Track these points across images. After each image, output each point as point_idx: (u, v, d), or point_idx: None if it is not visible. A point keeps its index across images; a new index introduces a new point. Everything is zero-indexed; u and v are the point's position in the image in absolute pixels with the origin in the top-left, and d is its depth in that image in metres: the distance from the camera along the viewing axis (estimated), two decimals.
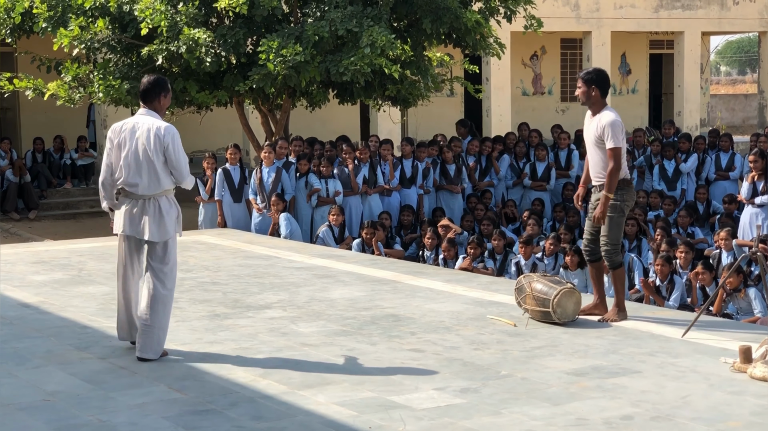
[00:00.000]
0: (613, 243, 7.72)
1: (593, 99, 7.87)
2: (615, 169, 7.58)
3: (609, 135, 7.71)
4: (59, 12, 13.57)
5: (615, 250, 7.74)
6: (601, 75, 7.90)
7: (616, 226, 7.71)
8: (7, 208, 17.71)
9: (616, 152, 7.62)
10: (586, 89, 7.83)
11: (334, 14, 13.11)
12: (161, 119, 6.87)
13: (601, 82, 7.84)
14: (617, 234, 7.74)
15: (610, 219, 7.67)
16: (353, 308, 8.27)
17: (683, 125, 24.30)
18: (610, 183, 7.59)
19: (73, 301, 8.55)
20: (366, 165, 14.13)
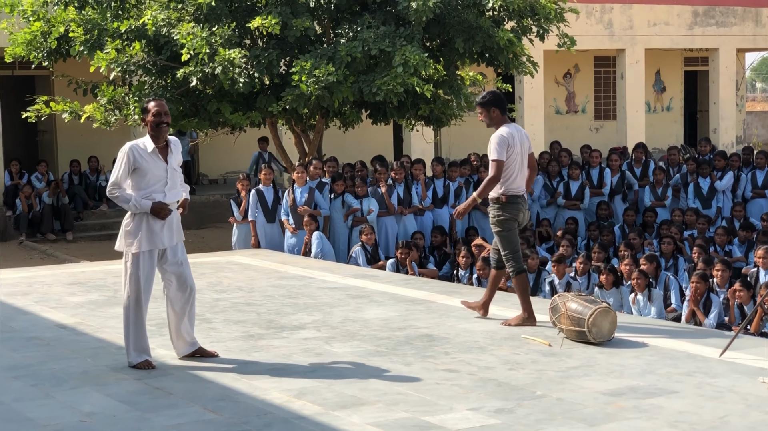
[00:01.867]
0: (511, 251, 8.21)
1: (495, 119, 8.26)
2: (493, 179, 8.10)
3: (491, 148, 8.16)
4: (95, 35, 13.71)
5: (513, 257, 8.22)
6: (497, 95, 8.35)
7: (505, 239, 8.22)
8: (43, 230, 17.87)
9: (495, 164, 8.10)
10: (487, 112, 8.25)
11: (366, 34, 13.15)
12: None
13: (498, 102, 8.26)
14: (510, 245, 8.22)
15: (497, 234, 8.24)
16: (387, 328, 8.26)
17: (719, 142, 24.13)
18: (484, 189, 8.16)
19: (109, 322, 8.60)
20: (401, 185, 14.15)
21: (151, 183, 6.98)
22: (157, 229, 7.00)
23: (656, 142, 25.47)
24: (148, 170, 6.96)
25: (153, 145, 7.00)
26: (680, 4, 24.43)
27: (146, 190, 6.97)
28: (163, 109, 7.04)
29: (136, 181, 6.98)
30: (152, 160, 6.99)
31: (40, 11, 14.38)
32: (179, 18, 13.49)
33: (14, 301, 9.62)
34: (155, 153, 7.01)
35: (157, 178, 7.01)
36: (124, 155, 6.95)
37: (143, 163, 6.96)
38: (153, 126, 7.01)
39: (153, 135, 7.01)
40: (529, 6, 14.20)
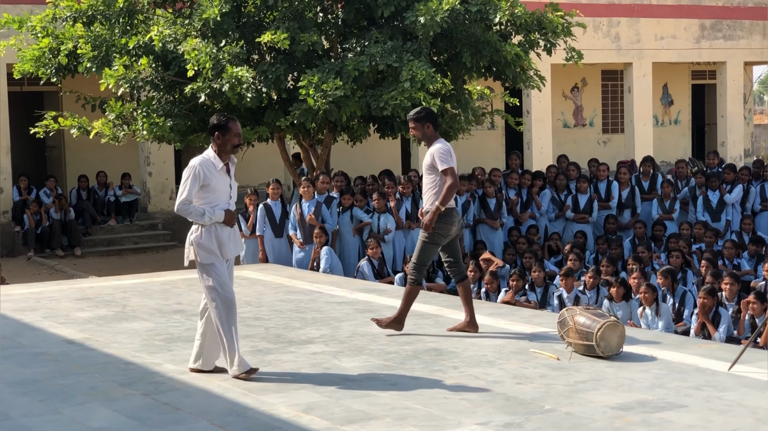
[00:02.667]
0: (418, 263, 8.43)
1: (429, 134, 8.42)
2: (452, 185, 8.22)
3: (438, 159, 8.27)
4: (103, 52, 13.76)
5: (418, 270, 8.44)
6: (429, 111, 8.53)
7: (423, 251, 8.40)
8: (52, 245, 17.90)
9: (448, 171, 8.23)
10: (421, 127, 8.40)
11: (374, 49, 13.18)
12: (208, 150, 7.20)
13: (431, 118, 8.45)
14: (423, 256, 8.42)
15: (421, 242, 8.38)
16: (395, 342, 8.25)
17: (727, 156, 24.11)
18: (445, 196, 8.24)
19: (117, 338, 8.60)
20: (408, 199, 14.15)
21: (217, 198, 7.06)
22: (225, 239, 7.10)
23: (664, 155, 25.45)
24: (216, 186, 7.04)
25: (222, 162, 7.07)
26: (687, 17, 24.45)
27: (212, 206, 7.06)
28: (240, 131, 7.17)
29: (202, 196, 7.03)
30: (220, 176, 7.07)
31: (48, 27, 14.45)
32: (186, 34, 13.54)
33: (22, 317, 9.63)
34: (222, 169, 7.09)
35: (223, 193, 7.10)
36: (194, 171, 7.00)
37: (212, 178, 7.02)
38: (232, 146, 7.08)
39: (224, 152, 7.07)
40: (537, 20, 14.23)
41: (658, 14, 24.06)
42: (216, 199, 7.06)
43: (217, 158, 7.08)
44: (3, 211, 18.34)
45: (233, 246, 7.18)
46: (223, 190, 7.11)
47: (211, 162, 7.07)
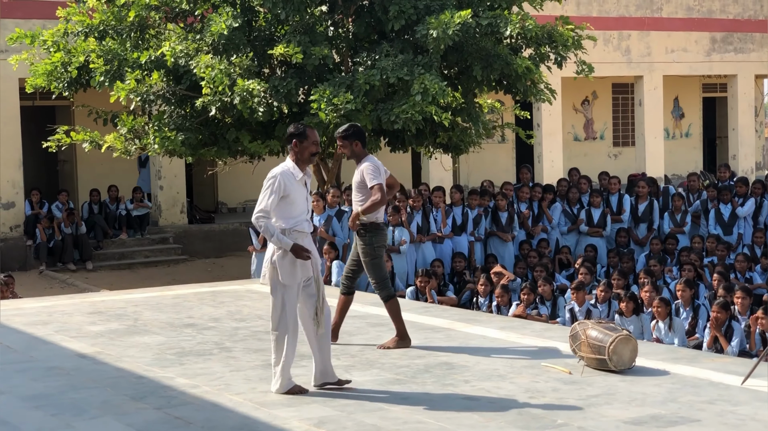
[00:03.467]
0: (378, 280, 8.50)
1: (357, 152, 8.50)
2: (379, 200, 8.33)
3: (368, 176, 8.38)
4: (115, 66, 13.82)
5: (382, 286, 8.51)
6: (358, 128, 8.58)
7: (372, 267, 8.50)
8: (64, 259, 17.94)
9: (376, 187, 8.34)
10: (349, 144, 8.46)
11: (385, 62, 13.20)
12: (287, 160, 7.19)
13: (360, 135, 8.50)
14: (378, 272, 8.51)
15: (365, 263, 8.51)
16: (407, 356, 8.24)
17: (738, 169, 24.06)
18: (369, 207, 8.34)
19: (129, 351, 8.61)
20: (419, 212, 14.14)
21: (297, 210, 6.99)
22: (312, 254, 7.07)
23: (675, 168, 25.41)
24: (295, 198, 6.95)
25: (301, 172, 7.01)
26: (698, 30, 24.44)
27: (293, 219, 6.98)
28: (318, 140, 7.09)
29: (283, 208, 6.95)
30: (299, 188, 7.00)
31: (60, 42, 14.52)
32: (197, 49, 13.58)
33: (35, 331, 9.65)
34: (301, 180, 7.03)
35: (301, 206, 7.02)
36: (275, 181, 6.92)
37: (292, 190, 6.94)
38: (309, 155, 7.02)
39: (301, 160, 7.02)
40: (547, 33, 14.23)
41: (669, 27, 24.06)
42: (294, 211, 6.97)
43: (296, 168, 7.00)
44: (15, 225, 18.40)
45: (314, 263, 7.09)
46: (301, 203, 7.01)
47: (291, 172, 6.97)
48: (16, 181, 18.41)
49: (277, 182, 6.91)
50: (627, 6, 23.58)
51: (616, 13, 23.40)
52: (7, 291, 12.52)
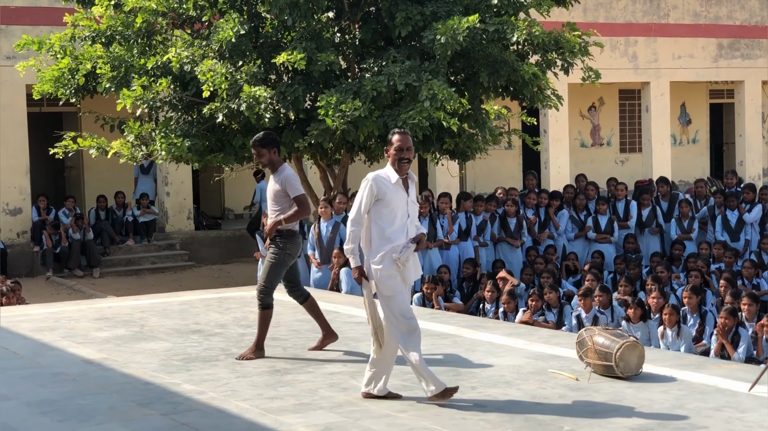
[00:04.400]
0: (267, 286, 8.43)
1: (275, 160, 8.50)
2: (303, 211, 8.40)
3: (291, 187, 8.39)
4: (122, 72, 13.83)
5: (267, 292, 8.44)
6: (275, 137, 8.61)
7: (273, 272, 8.44)
8: (70, 265, 17.96)
9: (301, 198, 8.40)
10: (268, 152, 8.45)
11: (392, 69, 13.20)
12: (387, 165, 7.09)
13: (277, 143, 8.57)
14: (272, 278, 8.45)
15: (270, 263, 8.43)
16: None
17: (745, 175, 24.02)
18: (293, 216, 8.36)
19: (136, 358, 8.61)
20: (425, 219, 14.13)
21: (393, 215, 6.86)
22: (410, 265, 6.91)
23: (682, 174, 25.38)
24: (392, 200, 6.84)
25: (396, 176, 6.90)
26: (705, 36, 24.42)
27: (389, 226, 6.85)
28: (406, 145, 6.94)
29: (378, 213, 6.87)
30: (395, 191, 6.87)
31: (67, 48, 14.54)
32: (203, 55, 13.60)
33: (41, 337, 9.65)
34: (398, 184, 6.90)
35: (400, 209, 6.88)
36: (367, 185, 6.84)
37: (387, 193, 6.84)
38: (394, 161, 6.91)
39: (392, 164, 6.93)
40: (554, 40, 14.22)
41: (676, 33, 24.03)
42: (391, 214, 6.84)
43: (392, 172, 6.90)
44: (22, 231, 18.43)
45: (413, 272, 6.96)
46: (399, 206, 6.87)
47: (385, 175, 6.89)
48: (23, 188, 18.44)
49: (369, 186, 6.83)
50: (634, 12, 23.57)
51: (623, 19, 23.39)
52: (13, 297, 12.54)
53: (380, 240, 6.89)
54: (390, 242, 6.86)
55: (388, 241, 6.86)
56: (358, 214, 6.89)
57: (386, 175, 6.91)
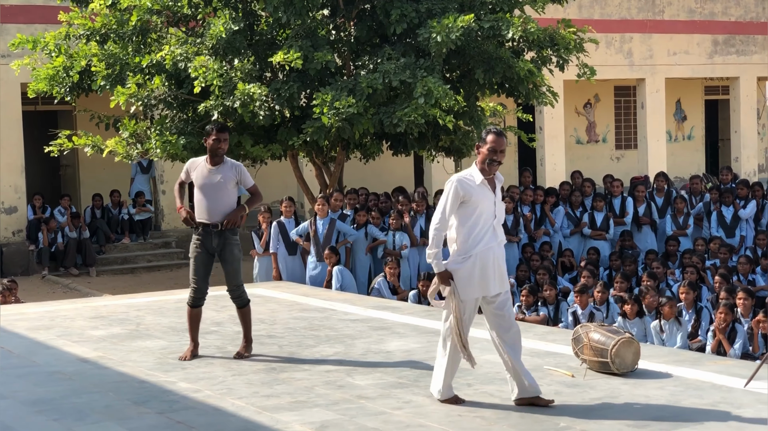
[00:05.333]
0: (241, 282, 8.50)
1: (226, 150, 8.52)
2: (259, 199, 8.60)
3: (248, 176, 8.49)
4: (117, 70, 13.82)
5: (242, 290, 8.49)
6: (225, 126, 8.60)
7: (240, 266, 8.47)
8: (66, 264, 17.94)
9: (257, 187, 8.56)
10: (228, 140, 8.48)
11: (387, 66, 13.20)
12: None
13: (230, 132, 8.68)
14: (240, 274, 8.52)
15: (238, 259, 8.44)
16: (409, 359, 8.23)
17: (741, 171, 24.04)
18: (254, 204, 8.57)
19: (131, 356, 8.61)
20: (422, 216, 14.14)
21: (479, 216, 6.61)
22: (491, 274, 6.65)
23: (678, 171, 25.40)
24: (477, 202, 6.59)
25: (481, 176, 6.65)
26: (700, 33, 24.43)
27: (474, 228, 6.61)
28: (500, 147, 6.63)
29: (464, 215, 6.62)
30: (481, 192, 6.61)
31: (62, 46, 14.51)
32: (197, 52, 13.59)
33: (37, 335, 9.65)
34: (483, 184, 6.65)
35: (486, 210, 6.63)
36: (452, 187, 6.60)
37: (473, 194, 6.59)
38: (483, 160, 6.65)
39: (482, 168, 6.65)
40: (549, 36, 14.22)
41: (671, 30, 24.05)
42: (477, 216, 6.59)
43: (477, 173, 6.65)
44: (18, 230, 18.40)
45: (497, 283, 6.67)
46: (486, 208, 6.61)
47: (470, 176, 6.64)
48: (19, 186, 18.41)
49: (453, 188, 6.60)
50: (629, 9, 23.58)
51: (618, 16, 23.40)
52: (9, 296, 12.52)
53: (465, 243, 6.64)
54: (476, 244, 6.62)
55: (474, 244, 6.62)
56: (442, 218, 6.63)
57: (471, 176, 6.66)
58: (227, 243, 8.40)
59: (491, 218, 6.67)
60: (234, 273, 8.45)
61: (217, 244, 8.38)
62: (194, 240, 8.43)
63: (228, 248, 8.39)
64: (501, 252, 6.76)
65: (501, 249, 6.77)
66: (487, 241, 6.66)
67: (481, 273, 6.62)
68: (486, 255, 6.64)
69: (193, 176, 8.45)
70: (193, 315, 8.51)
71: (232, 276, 8.46)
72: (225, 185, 8.35)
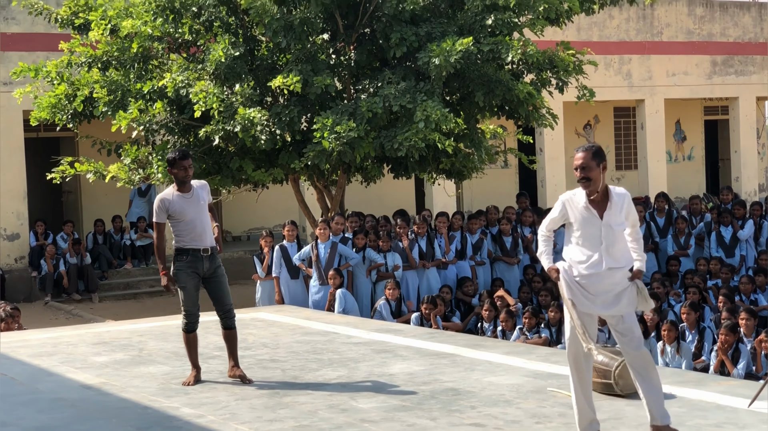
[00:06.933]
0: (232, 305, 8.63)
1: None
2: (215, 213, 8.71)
3: (209, 192, 8.66)
4: (119, 96, 13.88)
5: (233, 313, 8.59)
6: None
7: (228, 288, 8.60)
8: (68, 290, 17.95)
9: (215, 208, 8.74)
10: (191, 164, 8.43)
11: (387, 90, 13.24)
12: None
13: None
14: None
15: (226, 284, 8.60)
16: (412, 382, 8.22)
17: (741, 191, 24.07)
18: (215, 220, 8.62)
19: (134, 382, 8.60)
20: (423, 239, 14.16)
21: (582, 239, 6.25)
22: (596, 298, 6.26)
23: (678, 191, 25.43)
24: (580, 225, 6.23)
25: (584, 197, 6.25)
26: (699, 53, 24.53)
27: (577, 254, 6.28)
28: (580, 163, 6.24)
29: (568, 235, 6.35)
30: (585, 214, 6.23)
31: (64, 74, 14.58)
32: (198, 78, 13.65)
33: (40, 362, 9.64)
34: (588, 207, 6.23)
35: (590, 235, 6.22)
36: (557, 206, 6.34)
37: (577, 216, 6.25)
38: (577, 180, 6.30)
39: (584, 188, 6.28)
40: (548, 59, 14.27)
41: (669, 51, 24.14)
42: (580, 239, 6.23)
43: (581, 192, 6.26)
44: (20, 257, 18.43)
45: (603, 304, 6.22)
46: (589, 231, 6.21)
47: (574, 195, 6.32)
48: (21, 213, 18.45)
49: (561, 205, 6.31)
50: (627, 30, 23.68)
51: (617, 38, 23.49)
52: (12, 323, 12.51)
53: (570, 267, 6.32)
54: (574, 269, 6.28)
55: (573, 268, 6.30)
56: (544, 229, 6.44)
57: (575, 196, 6.31)
58: (217, 265, 8.50)
59: (597, 244, 6.22)
60: (227, 293, 8.57)
61: (208, 268, 8.48)
62: (182, 267, 8.46)
63: (219, 270, 8.52)
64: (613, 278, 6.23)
65: (612, 275, 6.23)
66: (591, 266, 6.24)
67: (583, 292, 6.25)
68: (587, 282, 6.24)
69: (171, 212, 8.42)
70: (191, 339, 8.54)
71: (226, 297, 8.56)
72: (204, 206, 8.46)
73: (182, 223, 8.39)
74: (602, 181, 6.24)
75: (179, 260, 8.44)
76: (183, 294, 8.45)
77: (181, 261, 8.42)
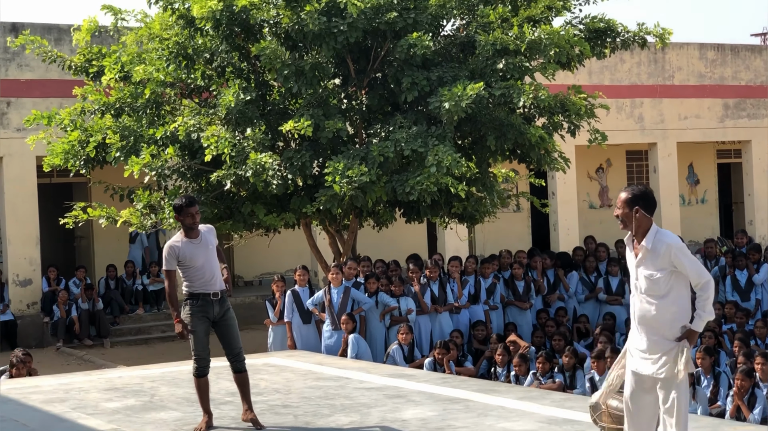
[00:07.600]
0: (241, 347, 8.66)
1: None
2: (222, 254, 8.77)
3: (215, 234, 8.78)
4: (131, 142, 13.94)
5: (242, 355, 8.61)
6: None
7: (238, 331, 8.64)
8: (80, 336, 17.93)
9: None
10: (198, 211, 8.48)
11: (398, 134, 13.26)
12: None
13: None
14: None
15: (236, 327, 8.58)
16: (425, 428, 8.15)
17: (756, 234, 23.97)
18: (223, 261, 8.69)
19: (146, 428, 8.55)
20: (435, 283, 14.11)
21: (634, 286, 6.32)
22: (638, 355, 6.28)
23: (692, 234, 25.35)
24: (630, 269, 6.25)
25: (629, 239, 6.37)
26: (710, 97, 24.56)
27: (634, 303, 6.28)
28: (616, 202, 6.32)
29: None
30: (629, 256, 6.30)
31: (77, 121, 14.67)
32: (209, 122, 13.71)
33: (51, 408, 9.60)
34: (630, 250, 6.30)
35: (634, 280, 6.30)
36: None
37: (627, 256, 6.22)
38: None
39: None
40: (560, 103, 14.30)
41: (681, 94, 24.17)
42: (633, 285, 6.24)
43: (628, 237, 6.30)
44: (32, 302, 18.43)
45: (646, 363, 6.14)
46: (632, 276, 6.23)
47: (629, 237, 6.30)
48: (33, 258, 18.48)
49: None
50: (639, 74, 23.73)
51: (628, 81, 23.54)
52: (24, 369, 12.49)
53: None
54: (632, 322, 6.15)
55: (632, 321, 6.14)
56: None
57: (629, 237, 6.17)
58: (227, 308, 8.51)
59: (636, 290, 6.12)
60: (237, 336, 8.55)
61: (218, 312, 8.47)
62: (193, 312, 8.43)
63: (228, 313, 8.52)
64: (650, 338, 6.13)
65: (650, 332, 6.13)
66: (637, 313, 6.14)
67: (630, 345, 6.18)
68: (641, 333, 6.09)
69: (181, 259, 8.39)
70: (202, 384, 8.50)
71: (236, 340, 8.54)
72: (213, 250, 8.49)
73: (192, 269, 8.36)
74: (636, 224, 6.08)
75: (189, 305, 8.40)
76: (193, 338, 8.41)
77: (192, 306, 8.38)
